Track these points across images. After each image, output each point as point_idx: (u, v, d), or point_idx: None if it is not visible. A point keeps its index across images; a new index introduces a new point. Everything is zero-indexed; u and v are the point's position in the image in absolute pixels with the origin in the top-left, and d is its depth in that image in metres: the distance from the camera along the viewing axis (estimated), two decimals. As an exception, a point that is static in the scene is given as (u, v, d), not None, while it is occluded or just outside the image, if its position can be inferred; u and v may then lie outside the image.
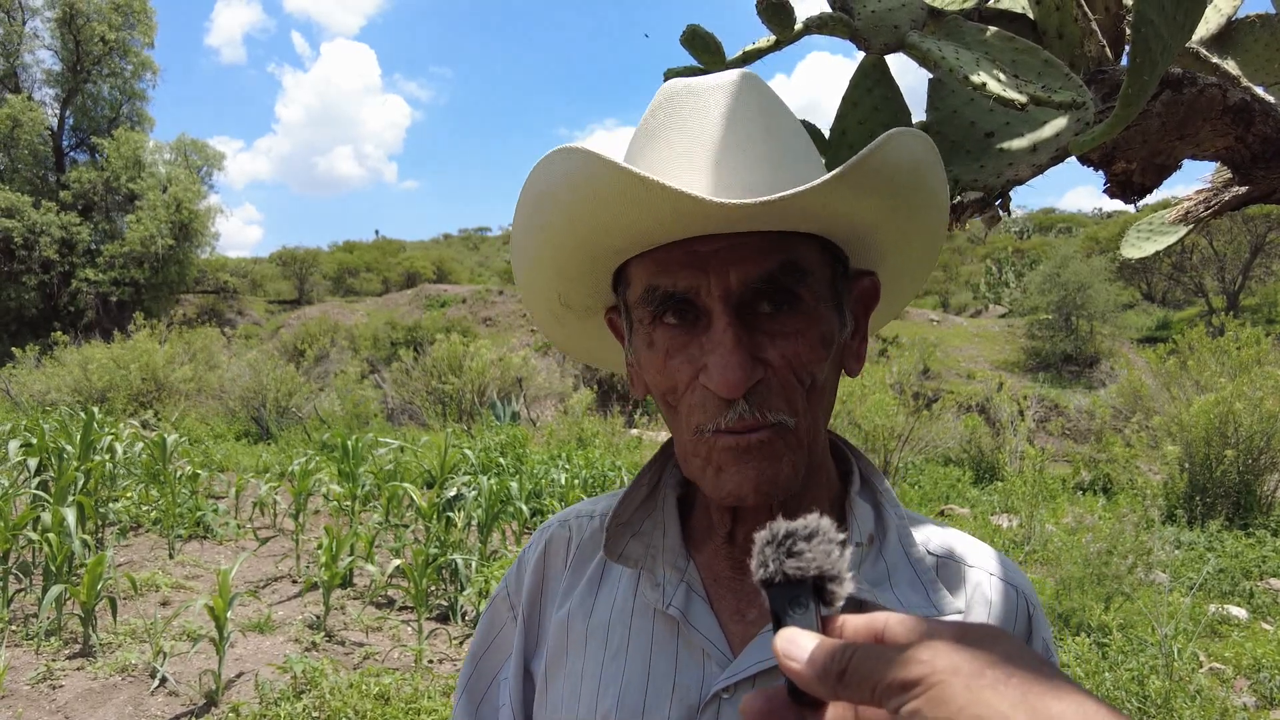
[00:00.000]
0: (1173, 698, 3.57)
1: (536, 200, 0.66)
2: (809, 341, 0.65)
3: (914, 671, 0.36)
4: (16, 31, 26.63)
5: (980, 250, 32.55)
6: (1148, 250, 1.36)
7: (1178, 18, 0.71)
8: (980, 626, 0.39)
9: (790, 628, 0.43)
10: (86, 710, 3.59)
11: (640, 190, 0.58)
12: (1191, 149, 0.95)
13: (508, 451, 8.43)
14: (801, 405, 0.65)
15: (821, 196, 0.59)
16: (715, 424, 0.64)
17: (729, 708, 0.66)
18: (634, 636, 0.73)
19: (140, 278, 25.02)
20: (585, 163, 0.59)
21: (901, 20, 0.90)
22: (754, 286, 0.64)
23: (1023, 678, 0.35)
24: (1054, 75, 0.84)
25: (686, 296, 0.65)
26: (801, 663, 0.41)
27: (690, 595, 0.72)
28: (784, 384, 0.64)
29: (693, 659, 0.69)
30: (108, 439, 7.40)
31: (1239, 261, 20.58)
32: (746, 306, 0.64)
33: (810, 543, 0.45)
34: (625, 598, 0.75)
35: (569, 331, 0.84)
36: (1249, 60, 1.16)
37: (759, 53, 0.86)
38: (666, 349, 0.66)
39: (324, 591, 4.68)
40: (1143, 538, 5.19)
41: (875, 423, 8.93)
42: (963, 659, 0.36)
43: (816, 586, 0.44)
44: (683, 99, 0.69)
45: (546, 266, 0.72)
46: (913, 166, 0.65)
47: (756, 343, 0.64)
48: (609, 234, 0.64)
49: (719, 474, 0.65)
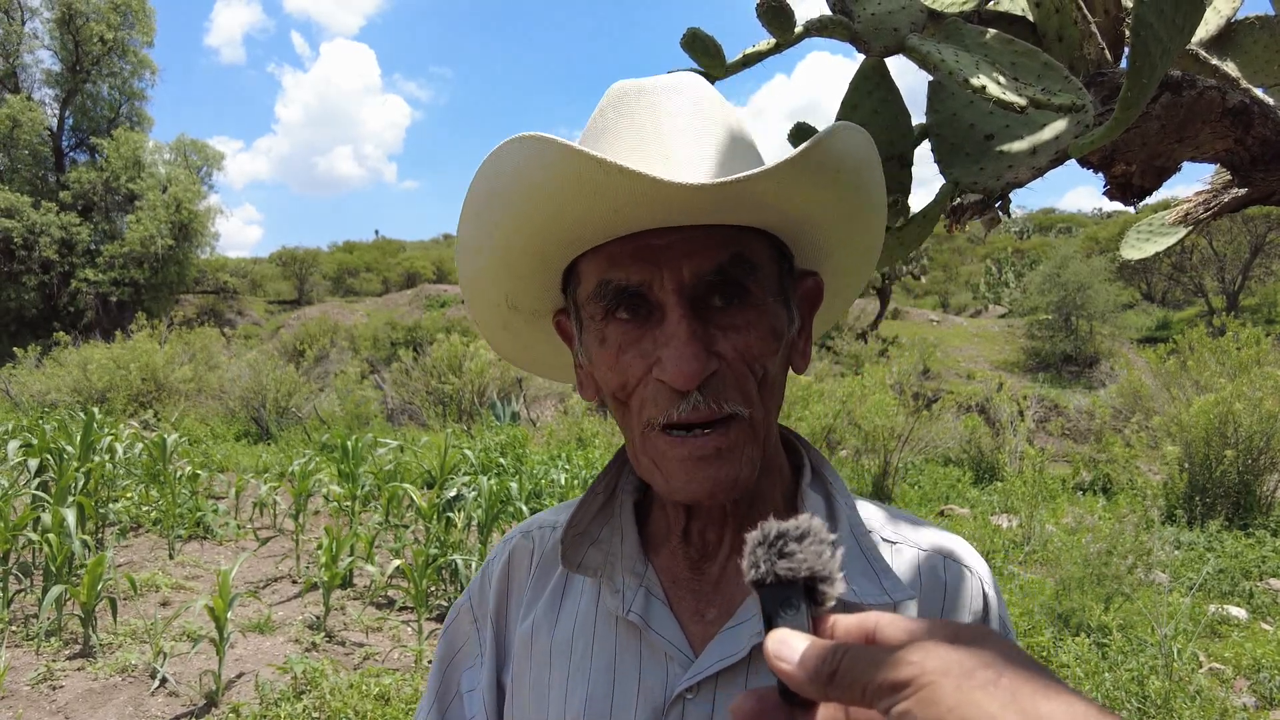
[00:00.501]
0: (1172, 698, 3.57)
1: (488, 191, 0.64)
2: (760, 334, 0.66)
3: (904, 672, 0.36)
4: (16, 31, 26.64)
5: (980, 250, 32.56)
6: (1147, 251, 1.36)
7: (1177, 21, 0.71)
8: (972, 627, 0.40)
9: (782, 629, 0.43)
10: (87, 711, 3.59)
11: (596, 173, 0.57)
12: (1191, 151, 0.96)
13: (508, 452, 8.42)
14: (755, 396, 0.66)
15: (772, 182, 0.60)
16: (668, 416, 0.64)
17: (693, 708, 0.67)
18: (598, 644, 0.73)
19: (140, 278, 25.03)
20: (540, 149, 0.58)
21: (901, 23, 0.90)
22: (706, 279, 0.64)
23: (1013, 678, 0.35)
24: (1054, 78, 0.84)
25: (639, 290, 0.65)
26: (793, 664, 0.41)
27: (650, 599, 0.72)
28: (737, 376, 0.65)
29: (656, 662, 0.70)
30: (108, 439, 7.40)
31: (1239, 262, 20.59)
32: (699, 300, 0.65)
33: (802, 543, 0.45)
34: (588, 607, 0.76)
35: (516, 337, 0.83)
36: (1248, 62, 1.16)
37: (759, 55, 0.86)
38: (619, 344, 0.66)
39: (324, 592, 4.68)
40: (1142, 538, 5.19)
41: (875, 423, 8.93)
42: (953, 660, 0.36)
43: (808, 587, 0.44)
44: (633, 98, 0.70)
45: (496, 264, 0.72)
46: (856, 161, 0.66)
47: (709, 336, 0.64)
48: (562, 224, 0.64)
49: (672, 479, 0.65)
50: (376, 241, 40.98)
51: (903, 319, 21.00)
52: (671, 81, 0.71)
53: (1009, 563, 6.12)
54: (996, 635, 0.39)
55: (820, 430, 9.44)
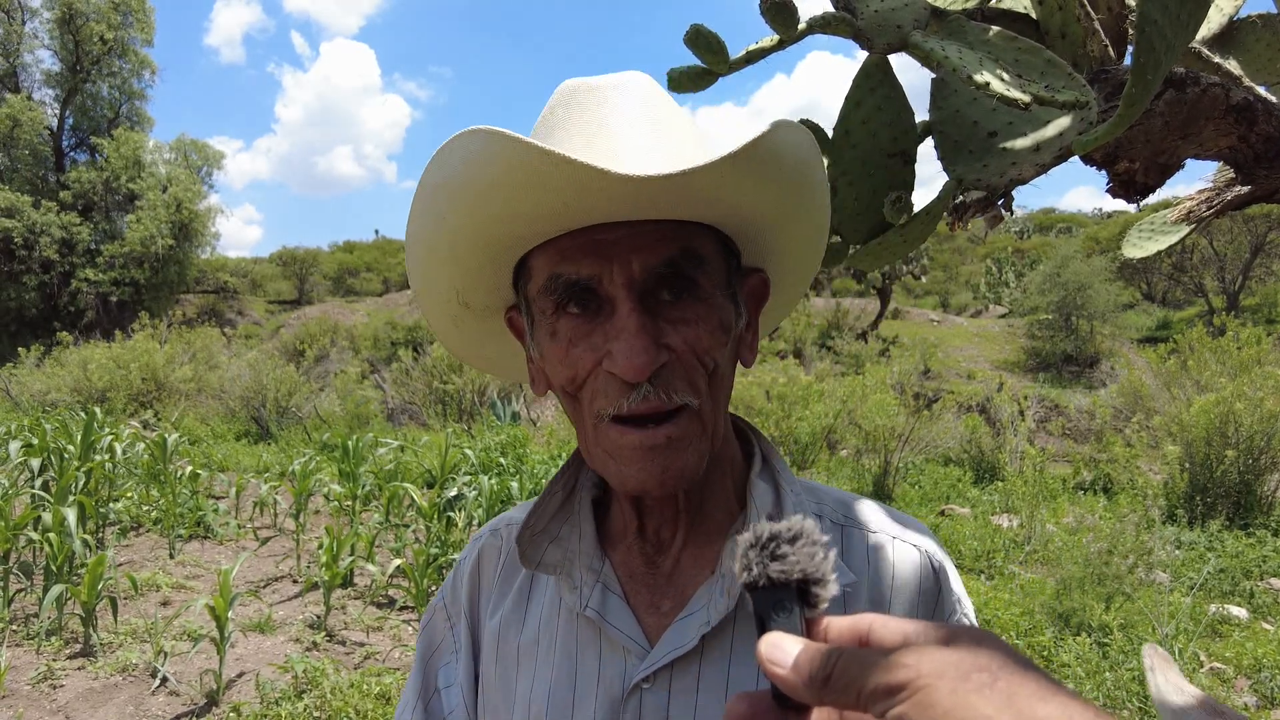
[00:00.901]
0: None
1: (438, 184, 0.64)
2: (709, 327, 0.67)
3: (899, 676, 0.36)
4: (16, 31, 26.64)
5: (980, 250, 32.56)
6: (1150, 250, 1.35)
7: (1181, 17, 0.71)
8: (967, 629, 0.39)
9: (774, 632, 0.43)
10: (87, 710, 3.59)
11: (543, 165, 0.57)
12: (1194, 148, 0.95)
13: (508, 451, 8.42)
14: (704, 388, 0.67)
15: (715, 175, 0.61)
16: (618, 407, 0.65)
17: (649, 697, 0.69)
18: (560, 640, 0.75)
19: (140, 278, 25.02)
20: (488, 142, 0.58)
21: (904, 20, 0.90)
22: (656, 273, 0.65)
23: (1009, 681, 0.34)
24: (1057, 75, 0.84)
25: (589, 284, 0.66)
26: (786, 668, 0.40)
27: (606, 594, 0.74)
28: (687, 368, 0.66)
29: (614, 655, 0.72)
30: (108, 439, 7.40)
31: (1239, 261, 20.59)
32: (649, 294, 0.66)
33: (794, 545, 0.44)
34: (552, 604, 0.77)
35: (468, 335, 0.83)
36: (1250, 60, 1.16)
37: (762, 52, 0.86)
38: (569, 338, 0.67)
39: (325, 591, 4.68)
40: (1143, 537, 5.19)
41: (876, 422, 8.93)
42: (949, 662, 0.36)
43: (800, 589, 0.44)
44: (583, 95, 0.71)
45: (446, 259, 0.72)
46: (798, 157, 0.67)
47: (659, 329, 0.65)
48: (512, 217, 0.64)
49: (623, 469, 0.66)
50: (377, 241, 40.96)
51: (903, 319, 21.00)
52: (620, 79, 0.72)
53: (1009, 562, 6.12)
54: (993, 637, 0.39)
55: (821, 430, 9.44)
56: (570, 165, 0.57)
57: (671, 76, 0.88)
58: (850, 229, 0.96)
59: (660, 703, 0.69)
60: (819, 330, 18.94)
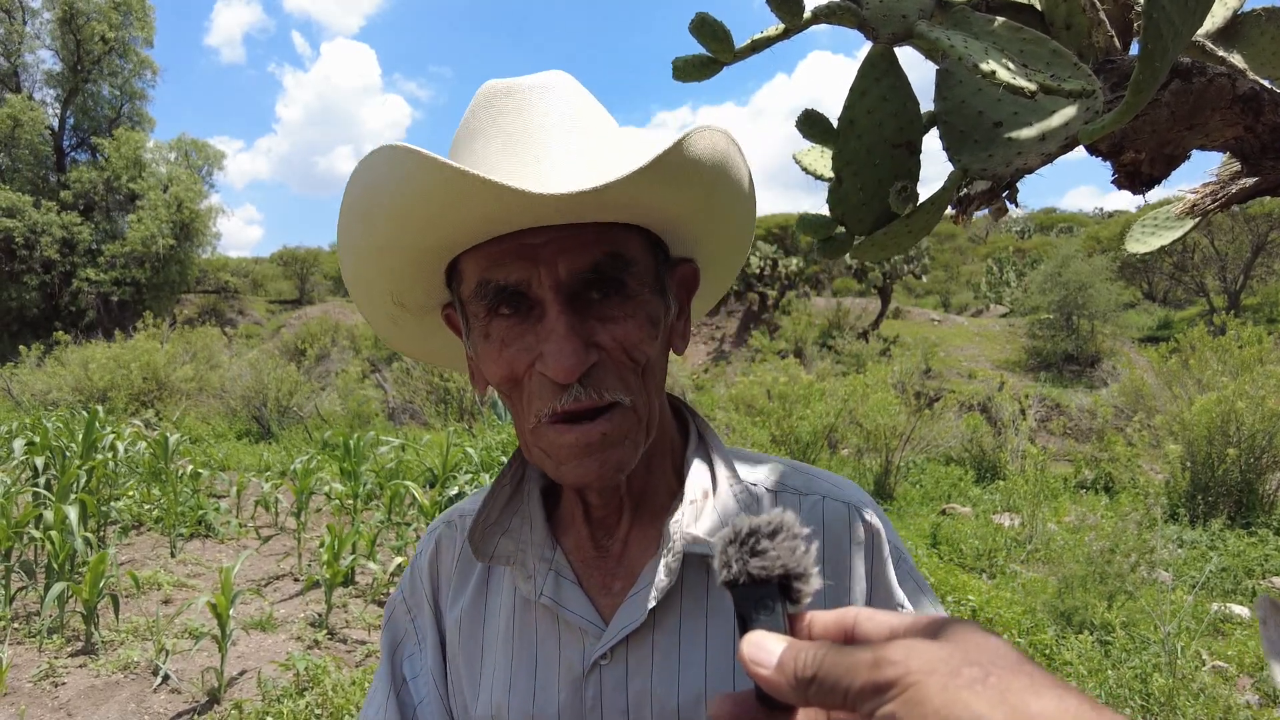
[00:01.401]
0: (1176, 696, 3.56)
1: (359, 199, 0.65)
2: (638, 324, 0.68)
3: (887, 673, 0.35)
4: (17, 31, 26.66)
5: (981, 250, 32.55)
6: (1153, 245, 1.35)
7: (1190, 3, 0.71)
8: (953, 620, 0.39)
9: (757, 631, 0.41)
10: (89, 707, 3.59)
11: (462, 183, 0.58)
12: (1201, 139, 0.95)
13: (509, 450, 8.42)
14: (636, 384, 0.69)
15: (632, 187, 0.61)
16: (552, 408, 0.66)
17: (608, 673, 0.72)
18: (519, 627, 0.77)
19: (141, 277, 25.04)
20: (404, 160, 0.58)
21: (909, 9, 0.90)
22: (583, 276, 0.66)
23: (1000, 675, 0.34)
24: (1062, 64, 0.84)
25: (519, 289, 0.67)
26: (770, 668, 0.39)
27: (560, 581, 0.76)
28: (618, 365, 0.68)
29: (572, 637, 0.74)
30: (110, 438, 7.40)
31: (1240, 260, 20.56)
32: (577, 295, 0.67)
33: (774, 540, 0.43)
34: (509, 593, 0.79)
35: (406, 333, 0.84)
36: (1255, 54, 1.15)
37: (768, 41, 0.85)
38: (502, 340, 0.68)
39: (326, 589, 4.68)
40: (1145, 536, 5.18)
41: (877, 422, 8.92)
42: (938, 657, 0.35)
43: (782, 585, 0.43)
44: (502, 99, 0.71)
45: (375, 266, 0.72)
46: (714, 160, 0.67)
47: (588, 328, 0.67)
48: (435, 230, 0.64)
49: (561, 466, 0.68)
50: (377, 241, 40.99)
51: (904, 318, 20.99)
52: (541, 80, 0.72)
53: (1011, 561, 6.11)
54: (982, 629, 0.38)
55: (822, 429, 9.44)
56: (487, 186, 0.57)
57: (676, 65, 0.88)
58: (855, 220, 0.96)
59: (619, 676, 0.72)
60: (820, 330, 18.94)
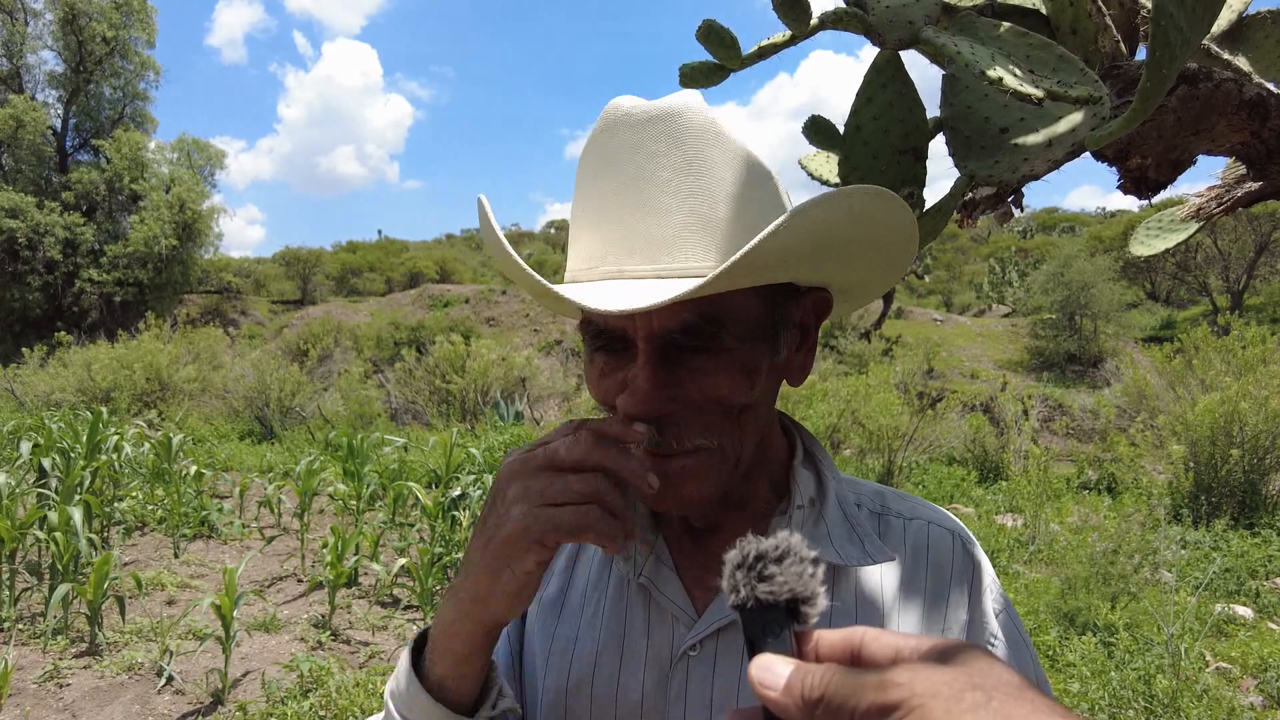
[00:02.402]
0: (1179, 697, 3.56)
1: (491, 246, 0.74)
2: (729, 376, 0.69)
3: (892, 695, 0.35)
4: (19, 32, 26.69)
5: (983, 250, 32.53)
6: (1158, 247, 1.35)
7: (1196, 11, 0.71)
8: (957, 643, 0.39)
9: (765, 654, 0.42)
10: (94, 708, 3.60)
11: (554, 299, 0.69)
12: (1206, 144, 0.95)
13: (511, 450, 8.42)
14: (725, 428, 0.70)
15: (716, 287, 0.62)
16: None
17: (696, 664, 0.73)
18: (610, 606, 0.79)
19: (144, 278, 25.08)
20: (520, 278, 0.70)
21: (916, 16, 0.90)
22: (672, 335, 0.68)
23: (1003, 701, 0.34)
24: (1069, 70, 0.84)
25: (615, 332, 0.71)
26: (778, 690, 0.40)
27: (659, 566, 0.78)
28: (703, 413, 0.69)
29: (663, 623, 0.76)
30: (114, 439, 7.41)
31: (1243, 260, 20.54)
32: (668, 346, 0.69)
33: (781, 565, 0.44)
34: (599, 571, 0.82)
35: None
36: (1259, 57, 1.15)
37: (775, 47, 0.86)
38: (601, 369, 0.73)
39: (329, 591, 4.69)
40: (1148, 537, 5.18)
41: (880, 422, 8.92)
42: (941, 681, 0.35)
43: (790, 608, 0.43)
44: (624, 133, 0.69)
45: None
46: (825, 230, 0.65)
47: (676, 378, 0.68)
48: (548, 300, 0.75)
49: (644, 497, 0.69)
50: (379, 241, 41.01)
51: (906, 318, 20.97)
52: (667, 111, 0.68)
53: (1014, 562, 6.11)
54: (985, 651, 0.39)
55: (825, 429, 9.43)
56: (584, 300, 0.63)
57: (684, 72, 0.88)
58: (861, 225, 0.96)
59: (706, 670, 0.73)
60: (822, 330, 18.92)
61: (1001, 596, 0.79)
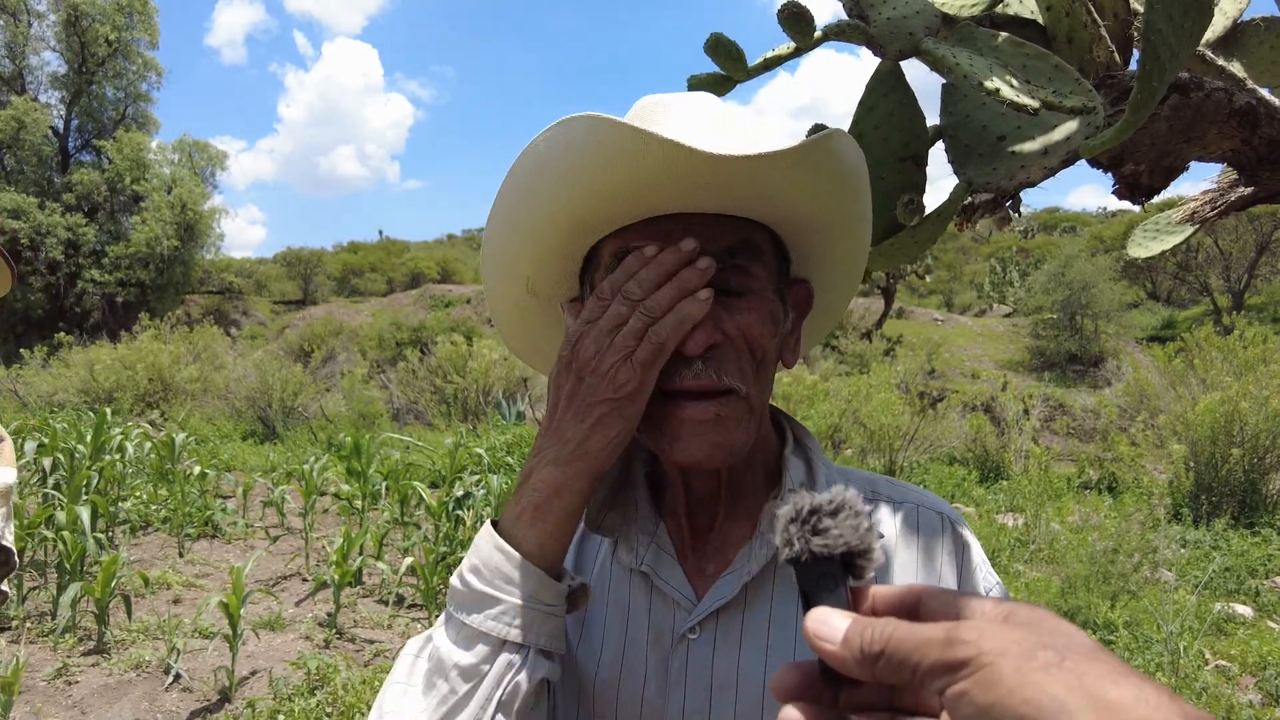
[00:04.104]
0: (1178, 694, 3.58)
1: (537, 162, 0.70)
2: (760, 317, 0.72)
3: (960, 652, 0.34)
4: (22, 33, 26.74)
5: (984, 250, 32.52)
6: (1154, 249, 1.38)
7: (1186, 26, 0.74)
8: (1025, 606, 0.38)
9: (821, 607, 0.41)
10: (103, 705, 3.63)
11: (635, 144, 0.64)
12: (1198, 151, 0.98)
13: (513, 450, 8.46)
14: (751, 375, 0.72)
15: (788, 163, 0.66)
16: (673, 382, 0.70)
17: (696, 647, 0.75)
18: (613, 594, 0.81)
19: (146, 279, 25.12)
20: (589, 123, 0.65)
21: (916, 27, 0.93)
22: (719, 259, 0.70)
23: (1076, 661, 0.33)
24: (1064, 80, 0.87)
25: None
26: (836, 643, 0.39)
27: (660, 554, 0.80)
28: (738, 353, 0.71)
29: (664, 607, 0.78)
30: (118, 439, 7.45)
31: (1244, 260, 20.54)
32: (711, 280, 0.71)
33: (836, 518, 0.43)
34: (604, 561, 0.84)
35: (529, 324, 0.89)
36: (1254, 62, 1.18)
37: (779, 59, 0.89)
38: None
39: (335, 590, 4.72)
40: (1148, 536, 5.20)
41: (881, 422, 8.95)
42: (1012, 639, 0.34)
43: (845, 562, 0.43)
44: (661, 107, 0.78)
45: (525, 241, 0.77)
46: (855, 166, 0.72)
47: (715, 314, 0.70)
48: (597, 196, 0.69)
49: (674, 442, 0.71)
50: (381, 242, 41.02)
51: (907, 318, 20.99)
52: (690, 95, 0.80)
53: (1015, 561, 6.13)
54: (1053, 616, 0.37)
55: (826, 429, 9.45)
56: (660, 143, 0.63)
57: (691, 83, 0.91)
58: (863, 230, 0.99)
59: (706, 651, 0.75)
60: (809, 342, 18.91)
61: (992, 575, 0.81)
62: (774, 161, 0.65)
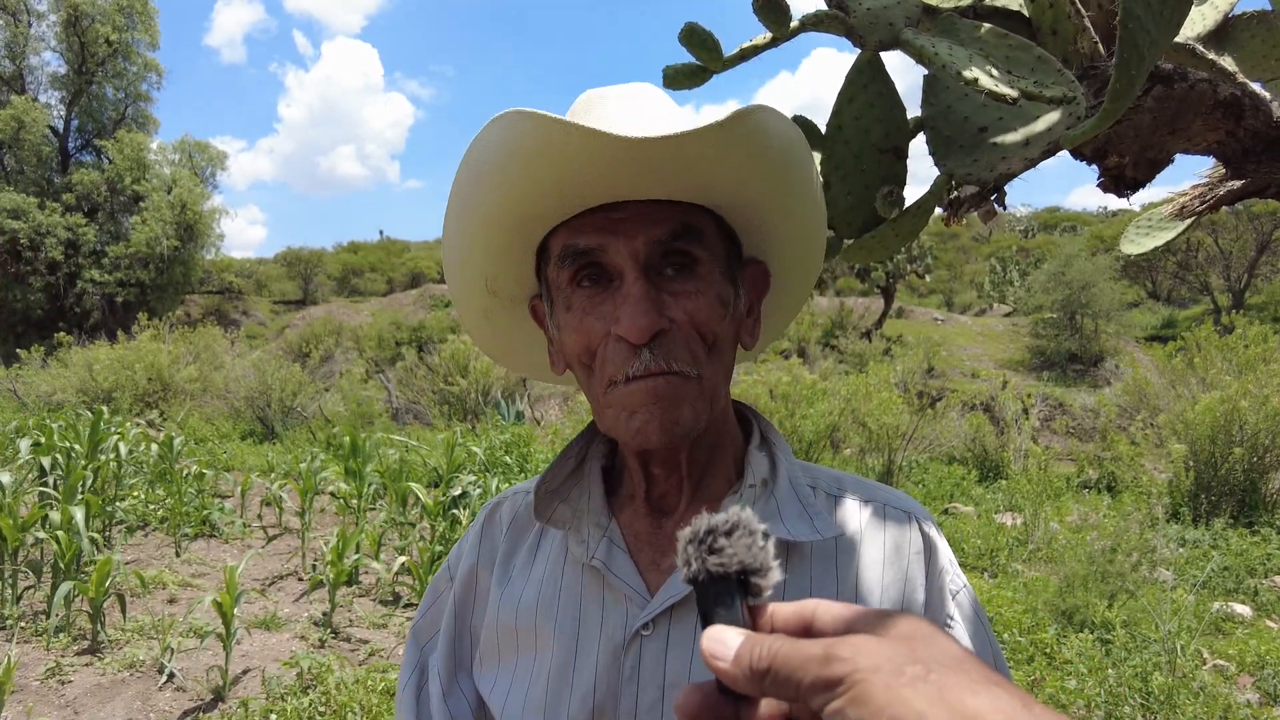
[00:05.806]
0: (1176, 694, 3.57)
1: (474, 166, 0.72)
2: (708, 300, 0.73)
3: (836, 670, 0.36)
4: (22, 34, 26.76)
5: (984, 249, 32.50)
6: (1146, 246, 1.37)
7: (1164, 14, 0.72)
8: (906, 617, 0.40)
9: (716, 625, 0.42)
10: (95, 705, 3.62)
11: (558, 134, 0.65)
12: (1183, 143, 0.97)
13: (512, 450, 8.45)
14: (703, 359, 0.73)
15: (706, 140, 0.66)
16: (625, 373, 0.71)
17: (649, 644, 0.74)
18: (565, 590, 0.80)
19: (146, 279, 25.13)
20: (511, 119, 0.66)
21: (896, 17, 0.91)
22: (659, 246, 0.72)
23: (941, 673, 0.34)
24: (1046, 71, 0.86)
25: (598, 257, 0.73)
26: (728, 661, 0.40)
27: (612, 548, 0.79)
28: (686, 339, 0.72)
29: (616, 604, 0.77)
30: (115, 438, 7.44)
31: (1244, 259, 20.51)
32: (653, 268, 0.73)
33: (730, 538, 0.44)
34: (557, 558, 0.83)
35: (497, 327, 0.89)
36: (1245, 56, 1.17)
37: (755, 50, 0.87)
38: (583, 308, 0.74)
39: (330, 589, 4.71)
40: (1147, 535, 5.19)
41: (880, 421, 8.93)
42: (883, 656, 0.36)
43: (740, 580, 0.44)
44: (597, 100, 0.81)
45: (476, 240, 0.78)
46: (786, 136, 0.72)
47: (662, 301, 0.72)
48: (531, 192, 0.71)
49: (630, 416, 0.72)
50: (381, 242, 41.01)
51: (907, 318, 20.97)
52: (628, 88, 0.83)
53: (1013, 560, 6.12)
54: (930, 625, 0.39)
55: (825, 429, 9.44)
56: (580, 132, 0.64)
57: (667, 74, 0.90)
58: (843, 223, 0.97)
59: (659, 649, 0.74)
60: (823, 329, 18.92)
61: (959, 576, 0.80)
62: (694, 140, 0.65)
